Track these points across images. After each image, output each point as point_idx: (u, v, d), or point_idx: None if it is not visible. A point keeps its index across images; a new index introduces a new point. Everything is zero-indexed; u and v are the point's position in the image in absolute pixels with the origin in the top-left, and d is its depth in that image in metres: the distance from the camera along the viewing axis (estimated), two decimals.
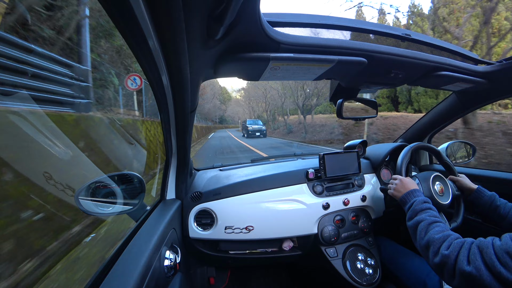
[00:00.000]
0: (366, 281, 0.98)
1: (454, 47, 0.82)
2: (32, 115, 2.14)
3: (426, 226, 0.71)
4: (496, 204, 0.88)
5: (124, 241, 0.67)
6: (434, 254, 0.63)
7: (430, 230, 0.69)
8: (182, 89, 0.56)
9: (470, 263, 0.55)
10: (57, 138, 2.13)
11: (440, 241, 0.64)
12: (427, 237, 0.68)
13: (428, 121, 1.33)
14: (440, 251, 0.62)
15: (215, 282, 1.39)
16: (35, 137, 1.86)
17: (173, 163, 0.93)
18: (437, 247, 0.64)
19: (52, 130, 2.17)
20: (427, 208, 0.77)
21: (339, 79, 0.87)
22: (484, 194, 0.93)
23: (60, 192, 1.86)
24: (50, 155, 1.92)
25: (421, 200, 0.81)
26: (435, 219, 0.73)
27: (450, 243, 0.62)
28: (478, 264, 0.53)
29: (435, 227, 0.69)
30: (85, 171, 2.25)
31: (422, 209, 0.77)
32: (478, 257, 0.55)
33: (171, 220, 0.85)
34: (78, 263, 1.84)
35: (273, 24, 0.52)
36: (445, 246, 0.62)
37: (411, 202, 0.82)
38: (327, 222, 1.07)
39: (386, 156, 1.29)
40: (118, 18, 0.34)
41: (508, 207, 0.85)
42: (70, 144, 2.33)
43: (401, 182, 0.91)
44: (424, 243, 0.68)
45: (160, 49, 0.41)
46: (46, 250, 1.75)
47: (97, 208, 0.75)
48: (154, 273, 0.59)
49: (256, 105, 33.56)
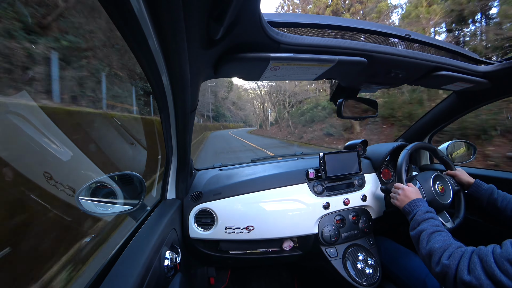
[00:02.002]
0: (367, 281, 0.98)
1: (455, 47, 0.82)
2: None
3: (428, 235, 0.71)
4: (494, 197, 0.89)
5: (124, 241, 0.67)
6: (436, 263, 0.64)
7: (432, 239, 0.69)
8: (182, 89, 0.56)
9: (470, 273, 0.55)
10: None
11: (441, 250, 0.65)
12: (428, 247, 0.68)
13: (428, 121, 1.33)
14: (441, 261, 0.62)
15: (215, 282, 1.39)
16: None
17: (173, 163, 0.93)
18: (438, 256, 0.64)
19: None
20: (429, 217, 0.78)
21: (339, 79, 0.87)
22: (482, 187, 0.94)
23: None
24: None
25: (424, 210, 0.81)
26: (437, 228, 0.73)
27: (451, 252, 0.62)
28: (478, 273, 0.54)
29: (436, 237, 0.70)
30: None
31: (424, 219, 0.78)
32: (478, 266, 0.55)
33: (171, 220, 0.85)
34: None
35: (273, 24, 0.52)
36: (446, 255, 0.63)
37: (414, 212, 0.82)
38: (327, 222, 1.07)
39: (387, 155, 1.29)
40: (118, 18, 0.34)
41: (507, 199, 0.86)
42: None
43: (403, 192, 0.91)
44: (426, 253, 0.68)
45: (160, 49, 0.41)
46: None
47: (98, 208, 0.76)
48: (154, 273, 0.60)
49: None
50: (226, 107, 41.95)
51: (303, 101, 19.18)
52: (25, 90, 2.42)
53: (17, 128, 1.71)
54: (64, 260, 1.82)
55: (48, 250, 1.75)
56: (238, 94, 41.86)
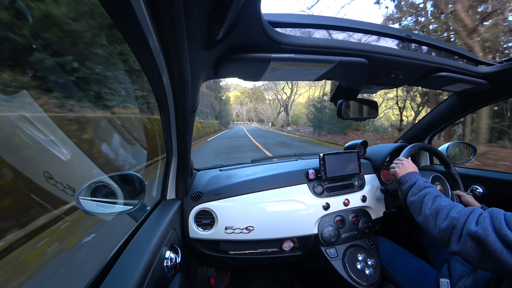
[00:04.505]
0: (366, 281, 0.98)
1: (455, 48, 0.82)
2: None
3: (433, 197, 0.73)
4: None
5: (124, 241, 0.67)
6: (443, 219, 0.65)
7: (438, 200, 0.71)
8: (183, 89, 0.56)
9: (478, 224, 0.57)
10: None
11: (449, 207, 0.66)
12: (435, 206, 0.69)
13: (428, 122, 1.33)
14: (450, 215, 0.64)
15: (215, 282, 1.39)
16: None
17: (174, 163, 0.93)
18: (445, 213, 0.65)
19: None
20: (430, 186, 0.80)
21: (340, 79, 0.87)
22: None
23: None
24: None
25: (424, 180, 0.84)
26: (440, 193, 0.75)
27: (460, 208, 0.64)
28: (486, 225, 0.55)
29: (442, 198, 0.72)
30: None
31: (426, 186, 0.80)
32: (488, 220, 0.56)
33: (171, 220, 0.85)
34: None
35: (274, 25, 0.52)
36: (455, 211, 0.64)
37: (414, 180, 0.85)
38: (327, 223, 1.07)
39: (387, 156, 1.29)
40: (119, 18, 0.34)
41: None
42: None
43: (404, 164, 0.94)
44: (431, 212, 0.69)
45: (160, 49, 0.41)
46: None
47: (98, 208, 0.75)
48: (154, 273, 0.60)
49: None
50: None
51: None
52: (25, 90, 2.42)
53: (17, 127, 1.71)
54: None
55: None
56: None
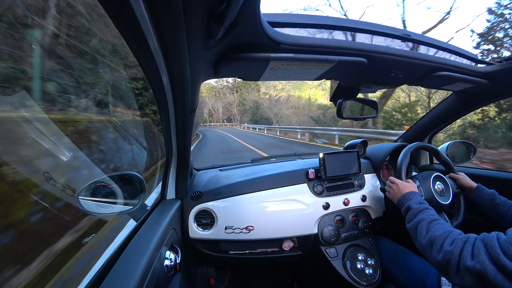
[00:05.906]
0: (366, 281, 0.98)
1: (454, 47, 0.82)
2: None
3: (427, 224, 0.71)
4: (496, 202, 0.88)
5: (124, 241, 0.67)
6: (438, 251, 0.63)
7: (431, 228, 0.69)
8: (182, 89, 0.56)
9: (474, 258, 0.54)
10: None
11: (442, 237, 0.64)
12: (428, 235, 0.67)
13: (428, 121, 1.33)
14: (444, 248, 0.61)
15: (215, 282, 1.39)
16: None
17: (173, 163, 0.93)
18: (439, 244, 0.63)
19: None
20: (424, 208, 0.78)
21: (339, 79, 0.87)
22: (484, 192, 0.93)
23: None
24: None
25: (417, 201, 0.81)
26: (434, 217, 0.73)
27: (453, 239, 0.61)
28: (482, 258, 0.52)
29: (435, 225, 0.69)
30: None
31: (420, 209, 0.78)
32: (483, 251, 0.53)
33: (171, 220, 0.85)
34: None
35: (273, 25, 0.52)
36: (448, 242, 0.61)
37: (407, 204, 0.83)
38: (327, 222, 1.07)
39: (387, 156, 1.29)
40: (118, 18, 0.34)
41: (508, 205, 0.85)
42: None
43: (397, 186, 0.92)
44: (426, 242, 0.67)
45: (160, 49, 0.41)
46: None
47: (98, 208, 0.76)
48: (154, 273, 0.60)
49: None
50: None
51: None
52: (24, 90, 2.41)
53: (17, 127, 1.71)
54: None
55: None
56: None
